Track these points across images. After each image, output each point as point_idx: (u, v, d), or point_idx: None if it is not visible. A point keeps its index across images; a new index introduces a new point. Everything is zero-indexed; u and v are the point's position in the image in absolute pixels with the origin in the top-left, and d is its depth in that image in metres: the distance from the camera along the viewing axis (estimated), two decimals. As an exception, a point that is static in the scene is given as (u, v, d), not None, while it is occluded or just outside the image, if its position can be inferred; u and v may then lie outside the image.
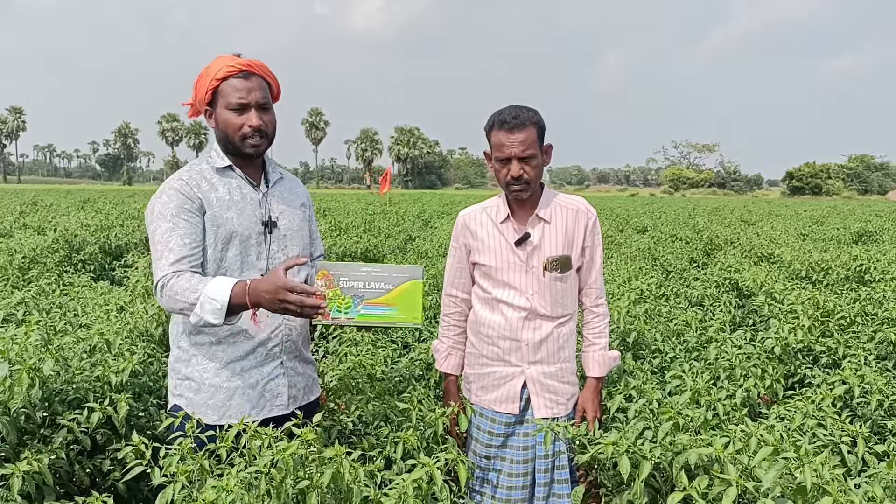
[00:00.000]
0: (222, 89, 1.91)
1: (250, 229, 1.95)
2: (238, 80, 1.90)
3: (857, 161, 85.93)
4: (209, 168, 1.97)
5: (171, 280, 1.80)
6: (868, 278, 5.88)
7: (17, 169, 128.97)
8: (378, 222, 12.12)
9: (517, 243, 2.15)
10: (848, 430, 2.16)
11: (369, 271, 1.95)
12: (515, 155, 2.05)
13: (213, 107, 1.94)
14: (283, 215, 2.04)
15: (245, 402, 1.95)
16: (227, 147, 1.97)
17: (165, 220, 1.85)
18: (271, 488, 1.57)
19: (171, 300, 1.80)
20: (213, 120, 1.96)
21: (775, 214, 19.94)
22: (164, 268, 1.82)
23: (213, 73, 1.90)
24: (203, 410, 1.93)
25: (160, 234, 1.85)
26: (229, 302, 1.74)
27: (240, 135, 1.92)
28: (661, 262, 7.41)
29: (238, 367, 1.94)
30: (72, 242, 7.19)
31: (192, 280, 1.80)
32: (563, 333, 2.20)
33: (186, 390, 1.96)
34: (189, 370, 1.95)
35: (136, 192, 33.69)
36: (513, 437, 2.21)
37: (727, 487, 1.58)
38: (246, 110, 1.91)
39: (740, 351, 3.17)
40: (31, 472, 1.85)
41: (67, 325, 3.26)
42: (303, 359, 2.12)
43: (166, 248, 1.83)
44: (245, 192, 1.98)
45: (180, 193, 1.88)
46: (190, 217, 1.87)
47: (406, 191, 72.28)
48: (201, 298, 1.75)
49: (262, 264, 1.97)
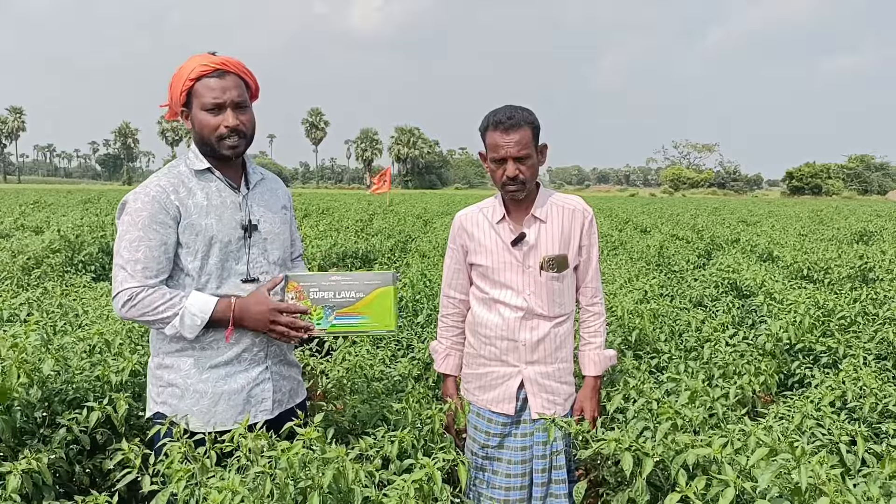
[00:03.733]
0: (196, 89, 1.85)
1: (230, 234, 1.89)
2: (212, 80, 1.84)
3: (857, 161, 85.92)
4: (188, 171, 1.90)
5: (140, 294, 1.78)
6: (872, 276, 5.88)
7: (17, 169, 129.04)
8: (378, 223, 12.12)
9: (513, 243, 2.15)
10: (847, 429, 2.16)
11: (339, 280, 1.93)
12: (511, 155, 2.05)
13: (189, 108, 1.88)
14: (264, 218, 1.99)
15: (230, 408, 1.91)
16: (204, 149, 1.90)
17: (136, 229, 1.80)
18: (275, 489, 1.57)
19: (140, 313, 1.78)
20: (189, 121, 1.89)
21: (775, 214, 19.94)
22: (128, 279, 1.78)
23: (187, 72, 1.84)
24: (188, 418, 1.88)
25: (127, 242, 1.80)
26: (210, 318, 1.77)
27: (216, 136, 1.85)
28: (666, 263, 7.41)
29: (223, 372, 1.90)
30: (73, 244, 7.19)
31: (166, 295, 1.79)
32: (561, 333, 2.20)
33: (170, 397, 1.90)
34: (172, 376, 1.90)
35: (137, 192, 33.52)
36: (510, 437, 2.21)
37: (725, 488, 1.58)
38: (221, 110, 1.85)
39: (734, 349, 3.18)
40: (30, 471, 1.85)
41: (67, 325, 3.27)
42: (287, 362, 2.08)
43: (133, 258, 1.79)
44: (224, 196, 1.91)
45: (156, 202, 1.81)
46: (161, 227, 1.81)
47: (406, 191, 72.30)
48: (182, 313, 1.77)
49: (241, 269, 1.92)
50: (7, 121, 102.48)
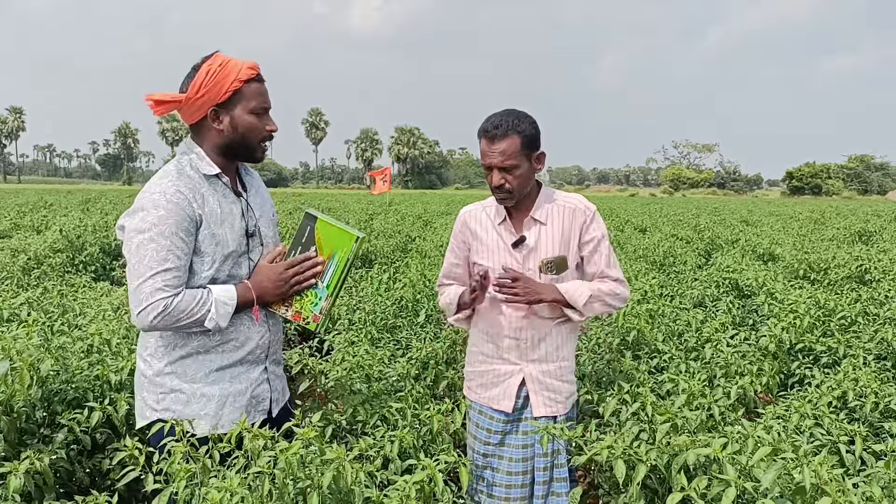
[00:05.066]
0: (244, 91, 1.84)
1: (238, 242, 1.90)
2: (259, 85, 1.88)
3: (857, 161, 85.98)
4: (197, 176, 1.86)
5: (174, 301, 1.75)
6: (869, 278, 5.88)
7: (17, 169, 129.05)
8: (378, 223, 12.12)
9: (514, 245, 2.16)
10: (846, 429, 2.16)
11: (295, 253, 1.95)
12: (495, 165, 2.05)
13: (225, 107, 1.85)
14: (261, 221, 2.00)
15: (236, 410, 1.91)
16: (235, 150, 1.89)
17: (163, 237, 1.75)
18: (273, 489, 1.57)
19: (174, 320, 1.76)
20: (220, 121, 1.85)
21: (775, 214, 19.94)
22: (160, 291, 1.74)
23: (235, 73, 1.82)
24: (195, 422, 1.86)
25: (153, 251, 1.74)
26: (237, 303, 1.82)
27: (260, 139, 1.90)
28: (669, 263, 7.40)
29: (228, 375, 1.90)
30: (74, 244, 7.18)
31: (196, 296, 1.79)
32: (563, 332, 2.20)
33: (174, 403, 1.86)
34: (176, 382, 1.86)
35: (136, 192, 33.66)
36: (511, 435, 2.21)
37: (726, 488, 1.58)
38: (266, 115, 1.91)
39: (735, 350, 3.18)
40: (31, 471, 1.85)
41: (65, 325, 3.26)
42: (278, 361, 2.10)
43: (163, 267, 1.74)
44: (231, 203, 1.91)
45: (180, 210, 1.77)
46: (186, 236, 1.79)
47: (406, 191, 72.30)
48: (214, 306, 1.79)
49: (243, 273, 1.93)
50: (7, 121, 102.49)
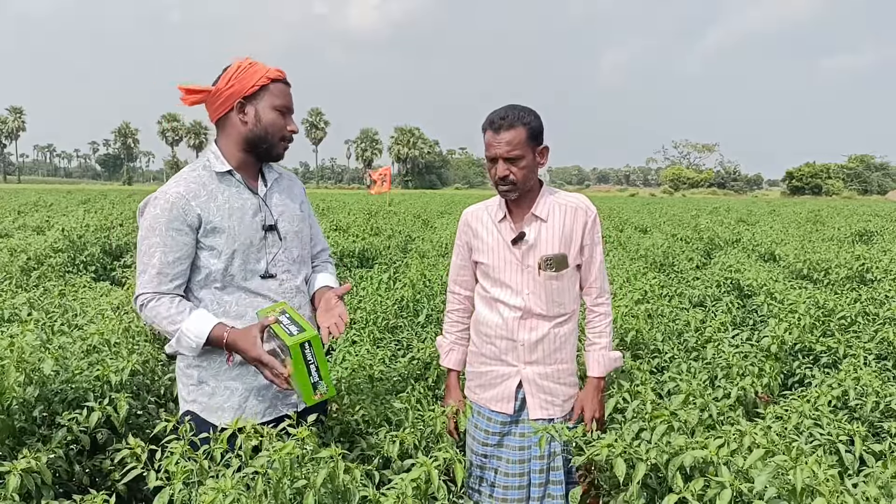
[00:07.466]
0: (272, 89, 1.90)
1: (252, 236, 1.92)
2: (285, 87, 1.94)
3: (857, 161, 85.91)
4: (208, 174, 1.91)
5: (150, 302, 1.83)
6: (869, 277, 5.88)
7: (17, 169, 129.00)
8: (378, 223, 12.11)
9: (513, 242, 2.16)
10: (845, 429, 2.16)
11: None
12: (500, 155, 2.06)
13: (251, 100, 1.89)
14: (283, 217, 2.02)
15: (260, 403, 1.96)
16: (257, 145, 1.92)
17: (154, 234, 1.83)
18: (268, 489, 1.57)
19: (150, 320, 1.86)
20: (245, 114, 1.89)
21: (776, 214, 19.93)
22: (144, 285, 1.84)
23: (263, 71, 1.89)
24: (219, 414, 1.92)
25: (146, 247, 1.85)
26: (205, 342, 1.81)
27: (281, 136, 1.94)
28: (669, 263, 7.40)
29: (252, 369, 1.92)
30: (76, 244, 7.18)
31: (171, 309, 1.82)
32: (561, 334, 2.20)
33: (200, 395, 1.94)
34: (202, 374, 1.93)
35: (136, 192, 33.73)
36: (508, 436, 2.21)
37: (722, 490, 1.59)
38: (289, 115, 1.96)
39: (737, 350, 3.17)
40: (29, 470, 1.85)
41: (65, 325, 3.27)
42: None
43: (149, 262, 1.83)
44: (245, 199, 1.94)
45: (174, 208, 1.83)
46: (177, 234, 1.84)
47: (406, 191, 72.30)
48: (179, 334, 1.81)
49: (261, 268, 1.95)
50: (7, 121, 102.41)
